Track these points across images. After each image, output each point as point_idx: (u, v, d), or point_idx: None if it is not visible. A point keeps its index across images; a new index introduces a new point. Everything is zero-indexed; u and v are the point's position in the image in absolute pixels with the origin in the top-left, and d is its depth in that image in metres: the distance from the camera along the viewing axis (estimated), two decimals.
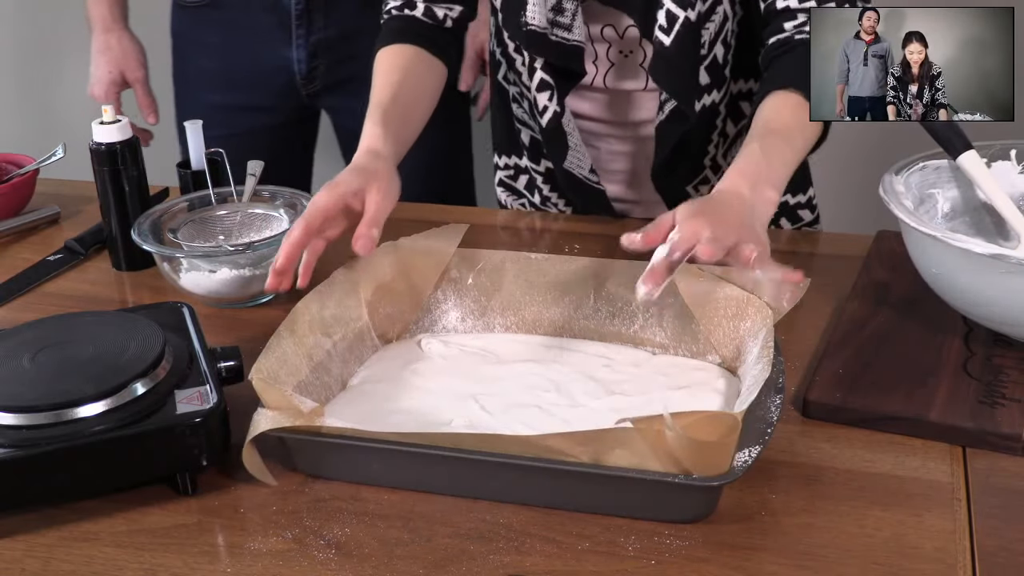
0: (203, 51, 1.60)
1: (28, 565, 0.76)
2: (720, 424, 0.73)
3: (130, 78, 1.56)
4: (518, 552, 0.75)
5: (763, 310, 0.90)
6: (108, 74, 1.55)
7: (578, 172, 1.25)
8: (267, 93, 1.59)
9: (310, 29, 1.53)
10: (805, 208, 1.30)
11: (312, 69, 1.56)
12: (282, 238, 1.08)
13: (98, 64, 1.56)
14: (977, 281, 0.88)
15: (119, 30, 1.56)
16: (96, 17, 1.56)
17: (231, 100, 1.60)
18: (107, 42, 1.55)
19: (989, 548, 0.74)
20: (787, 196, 1.26)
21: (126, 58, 1.56)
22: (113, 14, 1.55)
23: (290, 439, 0.81)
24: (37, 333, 0.88)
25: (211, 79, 1.61)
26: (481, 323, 1.01)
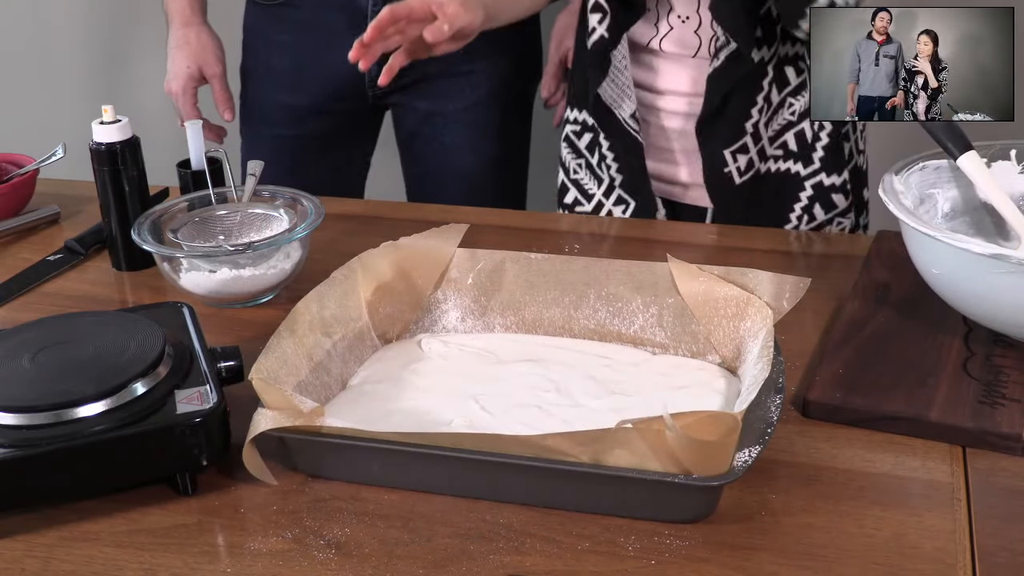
0: (274, 49, 1.58)
1: (28, 565, 0.76)
2: (720, 424, 0.73)
3: (208, 73, 1.53)
4: (518, 552, 0.75)
5: (763, 310, 0.90)
6: (187, 69, 1.52)
7: (617, 111, 1.28)
8: (334, 95, 1.58)
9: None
10: (839, 192, 1.29)
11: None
12: (282, 238, 1.09)
13: (175, 59, 1.53)
14: (977, 281, 0.88)
15: (198, 25, 1.53)
16: (175, 11, 1.53)
17: (297, 100, 1.59)
18: (186, 36, 1.52)
19: (989, 548, 0.74)
20: (820, 175, 1.27)
21: (205, 53, 1.52)
22: (192, 8, 1.52)
23: (290, 439, 0.81)
24: (37, 333, 0.88)
25: (279, 78, 1.59)
26: (481, 323, 1.01)
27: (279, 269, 1.10)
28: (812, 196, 1.28)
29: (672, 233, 1.28)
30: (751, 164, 1.26)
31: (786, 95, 1.25)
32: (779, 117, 1.26)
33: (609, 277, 0.98)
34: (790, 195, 1.29)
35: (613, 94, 1.28)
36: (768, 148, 1.27)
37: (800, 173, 1.28)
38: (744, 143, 1.25)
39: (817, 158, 1.27)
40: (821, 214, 1.30)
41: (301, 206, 1.15)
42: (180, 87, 1.53)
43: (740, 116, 1.24)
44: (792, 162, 1.28)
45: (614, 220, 1.34)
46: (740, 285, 0.93)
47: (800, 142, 1.27)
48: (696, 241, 1.24)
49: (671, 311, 0.96)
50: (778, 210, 1.30)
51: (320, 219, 1.11)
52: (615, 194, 1.36)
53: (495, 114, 1.59)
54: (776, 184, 1.29)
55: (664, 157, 1.33)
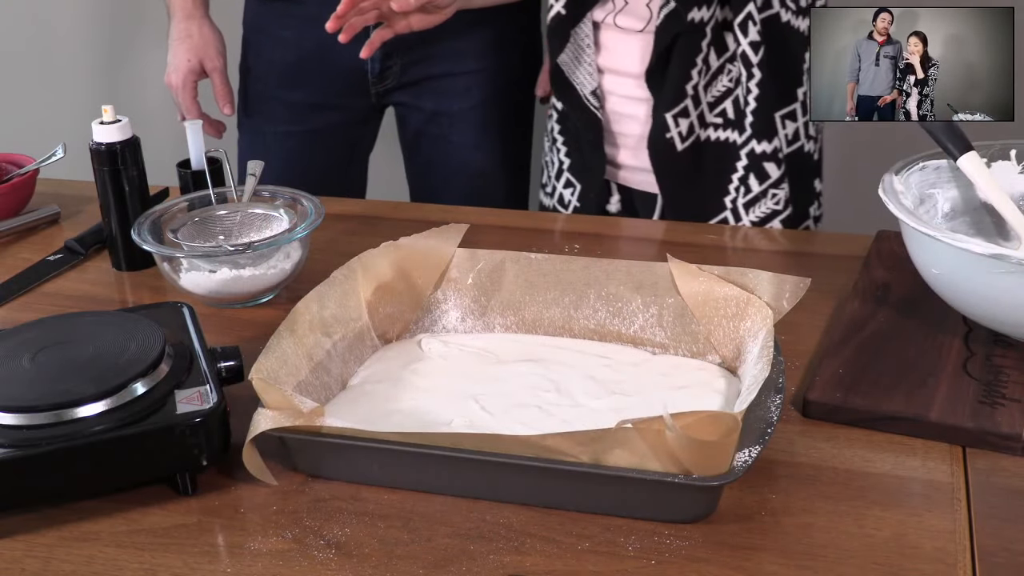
0: (276, 45, 1.58)
1: (28, 565, 0.76)
2: (720, 424, 0.73)
3: (208, 67, 1.53)
4: (518, 552, 0.75)
5: (763, 310, 0.90)
6: (187, 62, 1.52)
7: (579, 88, 1.32)
8: (336, 91, 1.58)
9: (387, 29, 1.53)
10: (771, 160, 1.30)
11: (385, 69, 1.55)
12: (282, 238, 1.09)
13: (176, 52, 1.53)
14: (977, 281, 0.88)
15: (200, 18, 1.53)
16: (177, 5, 1.53)
17: (299, 97, 1.58)
18: (188, 30, 1.52)
19: (989, 548, 0.74)
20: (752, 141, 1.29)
21: (206, 47, 1.53)
22: (195, 1, 1.53)
23: (290, 439, 0.81)
24: (37, 333, 0.88)
25: (281, 74, 1.59)
26: (481, 323, 1.01)
27: (279, 269, 1.10)
28: (747, 166, 1.30)
29: (672, 233, 1.28)
30: (691, 129, 1.28)
31: (724, 61, 1.27)
32: (718, 83, 1.28)
33: (609, 277, 0.98)
34: (728, 165, 1.31)
35: (574, 69, 1.31)
36: (708, 115, 1.29)
37: (736, 141, 1.30)
38: (685, 106, 1.27)
39: (748, 124, 1.28)
40: (756, 185, 1.31)
41: (301, 206, 1.15)
42: (180, 80, 1.52)
43: (681, 77, 1.26)
44: (730, 130, 1.30)
45: (614, 220, 1.35)
46: (740, 285, 0.93)
47: (736, 109, 1.29)
48: (696, 241, 1.24)
49: (671, 311, 0.96)
50: (717, 182, 1.32)
51: (320, 219, 1.11)
52: (564, 177, 1.41)
53: (501, 113, 1.60)
54: (715, 153, 1.31)
55: (616, 141, 1.36)
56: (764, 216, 1.31)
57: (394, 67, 1.55)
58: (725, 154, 1.31)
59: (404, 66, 1.55)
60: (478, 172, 1.61)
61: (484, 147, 1.60)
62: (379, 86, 1.56)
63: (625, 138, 1.35)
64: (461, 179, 1.62)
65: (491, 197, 1.58)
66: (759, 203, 1.31)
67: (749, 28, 1.23)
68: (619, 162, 1.37)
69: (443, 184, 1.63)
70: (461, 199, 1.54)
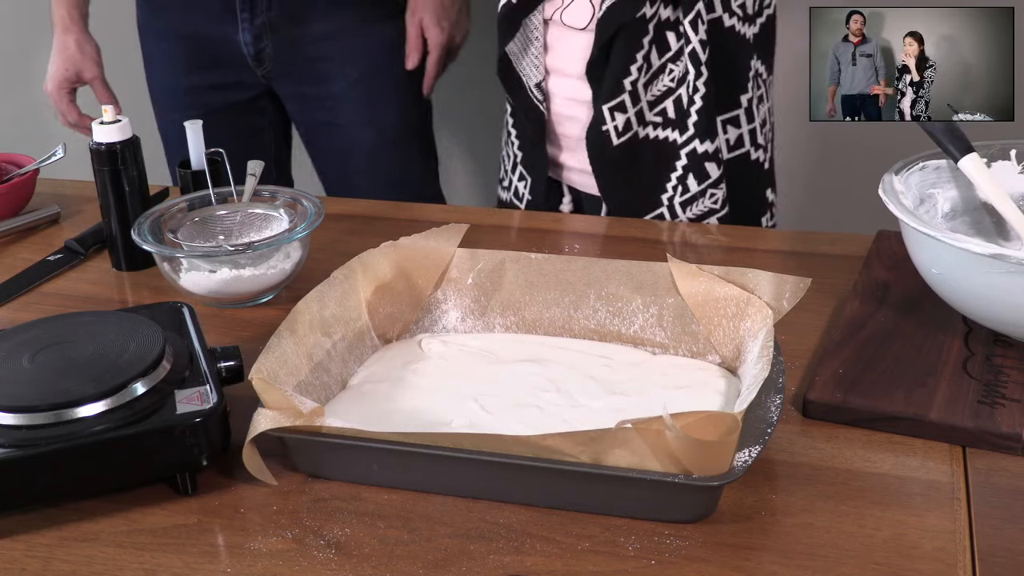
0: (162, 37, 1.67)
1: (28, 565, 0.76)
2: (720, 424, 0.73)
3: (87, 77, 1.62)
4: (518, 552, 0.75)
5: (763, 310, 0.90)
6: (64, 72, 1.61)
7: (525, 79, 1.33)
8: (224, 72, 1.65)
9: (253, 12, 1.58)
10: (712, 160, 1.31)
11: (259, 51, 1.61)
12: (282, 238, 1.09)
13: (54, 62, 1.63)
14: (977, 281, 0.88)
15: (78, 31, 1.62)
16: (57, 19, 1.63)
17: (191, 81, 1.66)
18: (65, 43, 1.62)
19: (989, 548, 0.74)
20: (694, 141, 1.30)
21: (83, 57, 1.61)
22: (72, 16, 1.61)
23: (290, 439, 0.81)
24: (37, 333, 0.88)
25: (171, 62, 1.67)
26: (481, 323, 1.01)
27: (279, 269, 1.10)
28: (686, 165, 1.31)
29: (673, 233, 1.28)
30: (628, 126, 1.29)
31: (666, 60, 1.27)
32: (659, 82, 1.28)
33: (609, 277, 0.98)
34: (666, 164, 1.32)
35: (522, 62, 1.32)
36: (647, 113, 1.30)
37: (677, 141, 1.30)
38: (622, 100, 1.27)
39: (691, 123, 1.29)
40: (694, 185, 1.31)
41: (301, 206, 1.15)
42: (55, 87, 1.62)
43: (620, 71, 1.26)
44: (670, 130, 1.30)
45: (614, 220, 1.35)
46: (740, 285, 0.93)
47: (677, 109, 1.30)
48: (696, 241, 1.24)
49: (671, 311, 0.96)
50: (655, 179, 1.33)
51: (320, 219, 1.11)
52: (518, 170, 1.43)
53: (382, 85, 1.65)
54: (653, 152, 1.32)
55: (560, 142, 1.37)
56: (701, 214, 1.33)
57: (266, 49, 1.61)
58: (663, 153, 1.32)
59: (276, 48, 1.61)
60: (373, 148, 1.68)
61: (374, 122, 1.66)
62: (260, 69, 1.63)
63: (568, 139, 1.36)
64: (360, 158, 1.69)
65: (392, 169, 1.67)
66: (696, 202, 1.32)
67: (699, 26, 1.24)
68: (565, 163, 1.39)
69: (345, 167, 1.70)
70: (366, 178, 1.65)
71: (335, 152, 1.70)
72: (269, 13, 1.58)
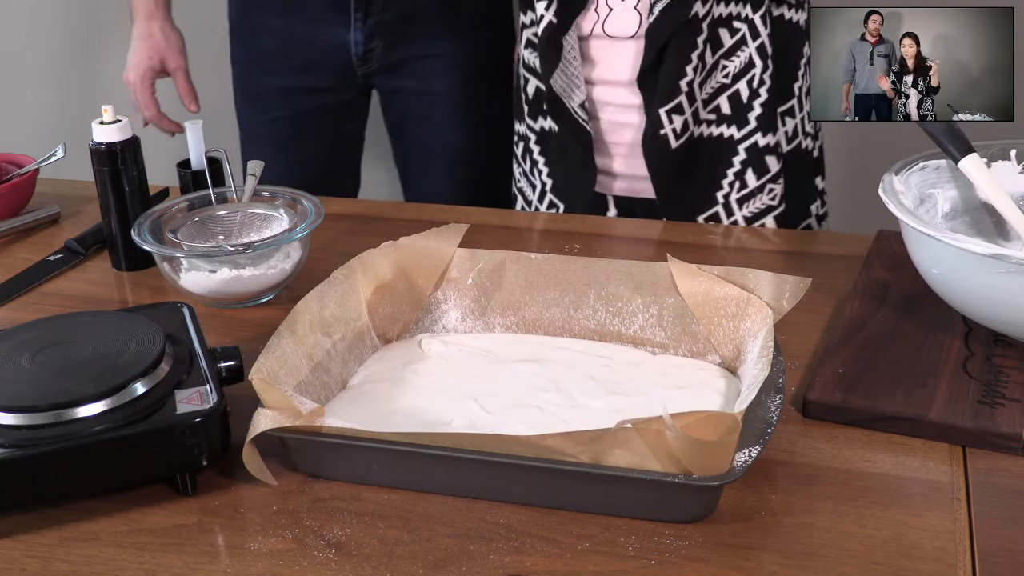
0: (261, 34, 1.62)
1: (28, 565, 0.76)
2: (720, 424, 0.73)
3: (170, 67, 1.57)
4: (518, 552, 0.75)
5: (763, 310, 0.90)
6: (148, 60, 1.55)
7: (567, 101, 1.30)
8: (323, 75, 1.62)
9: (368, 11, 1.56)
10: (772, 154, 1.30)
11: (368, 51, 1.59)
12: (282, 238, 1.09)
13: (137, 50, 1.56)
14: (977, 281, 0.88)
15: (162, 18, 1.57)
16: (139, 4, 1.57)
17: (289, 83, 1.62)
18: (149, 29, 1.56)
19: (989, 548, 0.74)
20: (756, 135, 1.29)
21: (168, 46, 1.56)
22: (157, 2, 1.56)
23: (290, 439, 0.81)
24: (37, 333, 0.88)
25: (269, 61, 1.63)
26: (481, 323, 1.01)
27: (279, 269, 1.10)
28: (745, 160, 1.30)
29: (673, 233, 1.28)
30: (686, 126, 1.28)
31: (719, 57, 1.27)
32: (712, 80, 1.28)
33: (609, 277, 0.98)
34: (723, 160, 1.31)
35: (564, 84, 1.30)
36: (702, 111, 1.29)
37: (734, 136, 1.30)
38: (679, 102, 1.26)
39: (754, 117, 1.28)
40: (753, 180, 1.31)
41: (301, 206, 1.15)
42: (138, 77, 1.56)
43: (675, 74, 1.25)
44: (725, 126, 1.29)
45: (614, 220, 1.35)
46: (740, 285, 0.93)
47: (734, 105, 1.29)
48: (696, 241, 1.24)
49: (671, 311, 0.96)
50: (710, 177, 1.32)
51: (320, 219, 1.11)
52: (547, 199, 1.40)
53: (478, 91, 1.64)
54: (709, 149, 1.31)
55: (611, 151, 1.35)
56: (758, 212, 1.31)
57: (376, 49, 1.59)
58: (719, 150, 1.30)
59: (386, 48, 1.59)
60: (459, 150, 1.66)
61: (464, 126, 1.65)
62: (363, 68, 1.60)
63: (620, 147, 1.34)
64: (444, 158, 1.67)
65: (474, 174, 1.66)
66: (754, 198, 1.31)
67: (768, 20, 1.24)
68: (614, 172, 1.36)
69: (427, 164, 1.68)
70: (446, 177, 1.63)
71: (422, 148, 1.67)
72: (384, 13, 1.56)
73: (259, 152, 1.62)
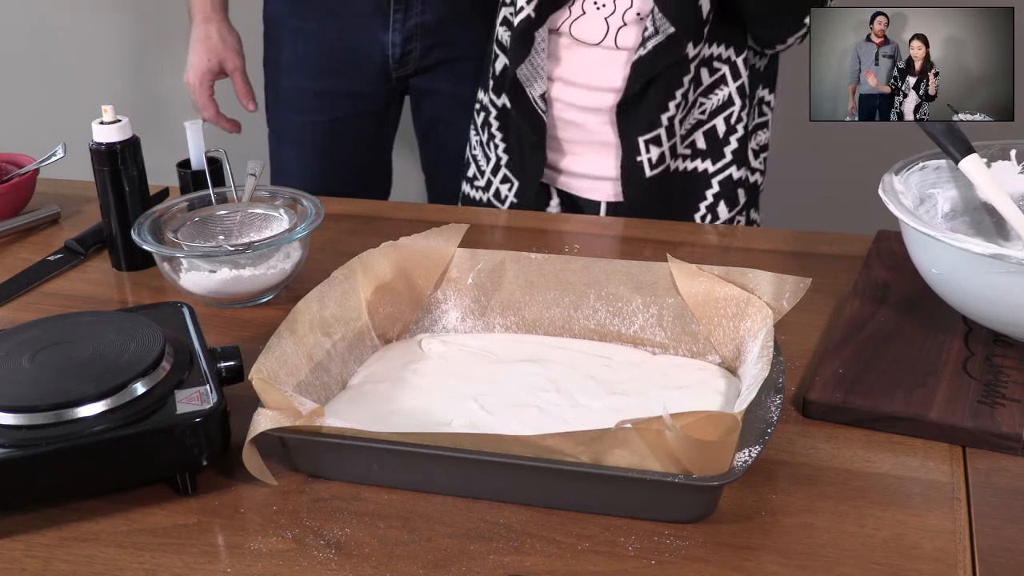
0: (299, 36, 1.62)
1: (28, 565, 0.76)
2: (720, 424, 0.73)
3: (229, 67, 1.59)
4: (518, 552, 0.75)
5: (763, 310, 0.90)
6: (207, 62, 1.57)
7: (528, 89, 1.32)
8: (360, 79, 1.62)
9: (407, 13, 1.56)
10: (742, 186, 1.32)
11: (406, 53, 1.59)
12: (282, 238, 1.09)
13: (197, 52, 1.58)
14: (977, 281, 0.88)
15: (219, 20, 1.58)
16: (197, 7, 1.59)
17: (324, 86, 1.63)
18: (207, 31, 1.58)
19: (989, 548, 0.74)
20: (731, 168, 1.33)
21: (226, 47, 1.58)
22: (214, 4, 1.58)
23: (290, 439, 0.81)
24: (37, 333, 0.88)
25: (305, 64, 1.63)
26: (481, 323, 1.01)
27: (279, 269, 1.10)
28: (717, 193, 1.32)
29: (672, 233, 1.28)
30: (663, 158, 1.30)
31: (699, 95, 1.29)
32: (691, 116, 1.30)
33: (609, 277, 0.98)
34: (695, 194, 1.33)
35: (528, 73, 1.31)
36: (679, 146, 1.31)
37: (708, 170, 1.32)
38: (658, 134, 1.28)
39: (729, 151, 1.31)
40: (724, 212, 1.34)
41: (301, 206, 1.15)
42: (198, 78, 1.58)
43: (658, 107, 1.27)
44: (700, 160, 1.32)
45: (614, 220, 1.35)
46: (740, 285, 0.93)
47: (710, 140, 1.31)
48: (696, 241, 1.24)
49: (671, 311, 0.96)
50: (684, 208, 1.34)
51: (320, 219, 1.11)
52: (501, 172, 1.42)
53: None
54: (682, 183, 1.33)
55: (561, 147, 1.37)
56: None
57: (414, 51, 1.59)
58: (693, 184, 1.33)
59: (423, 50, 1.59)
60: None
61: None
62: (400, 71, 1.61)
63: (571, 144, 1.36)
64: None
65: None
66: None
67: (750, 61, 1.28)
68: (561, 167, 1.38)
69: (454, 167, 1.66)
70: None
71: (451, 150, 1.67)
72: (423, 16, 1.56)
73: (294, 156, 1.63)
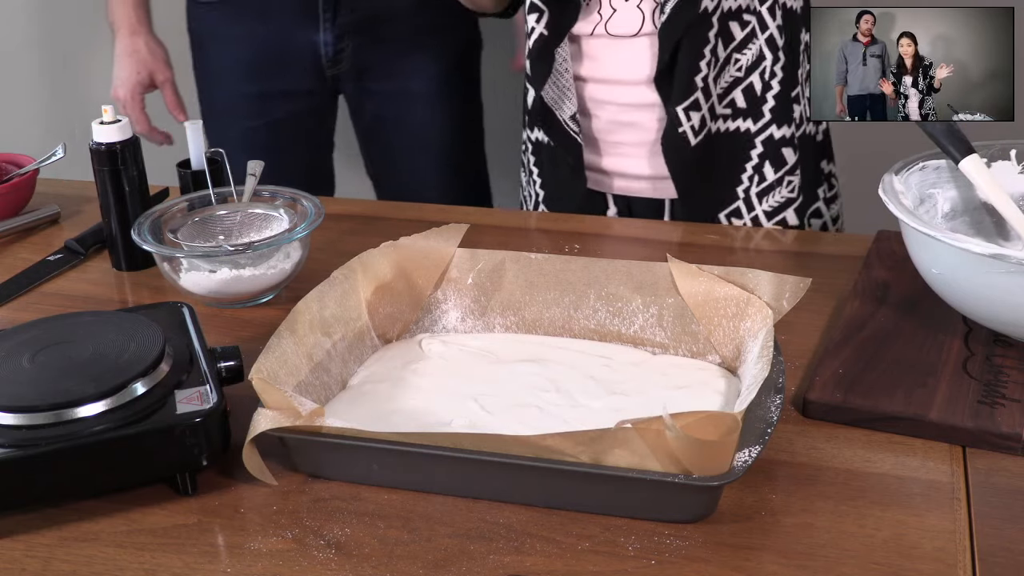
0: (228, 43, 1.62)
1: (28, 565, 0.76)
2: (720, 424, 0.73)
3: (159, 80, 1.58)
4: (518, 552, 0.75)
5: (763, 310, 0.90)
6: (137, 75, 1.57)
7: (558, 112, 1.30)
8: (293, 78, 1.62)
9: (336, 11, 1.55)
10: (788, 146, 1.30)
11: (339, 52, 1.59)
12: (282, 238, 1.09)
13: (124, 66, 1.57)
14: (977, 281, 0.88)
15: (145, 33, 1.58)
16: (121, 19, 1.57)
17: (258, 88, 1.63)
18: (134, 44, 1.57)
19: (989, 548, 0.74)
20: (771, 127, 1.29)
21: (155, 59, 1.57)
22: (139, 16, 1.57)
23: (290, 439, 0.81)
24: (37, 333, 0.88)
25: (238, 69, 1.63)
26: (481, 323, 1.01)
27: (279, 269, 1.10)
28: (762, 153, 1.30)
29: (673, 233, 1.28)
30: (703, 123, 1.28)
31: (732, 51, 1.27)
32: (726, 74, 1.28)
33: (609, 277, 0.98)
34: (741, 155, 1.31)
35: (554, 95, 1.30)
36: (717, 106, 1.29)
37: (750, 130, 1.30)
38: (696, 99, 1.26)
39: (768, 110, 1.28)
40: (771, 173, 1.31)
41: (301, 206, 1.15)
42: (128, 92, 1.57)
43: (689, 70, 1.25)
44: (742, 119, 1.29)
45: (614, 220, 1.35)
46: (740, 285, 0.93)
47: (749, 98, 1.29)
48: (696, 241, 1.24)
49: (671, 311, 0.96)
50: (730, 172, 1.32)
51: (320, 219, 1.11)
52: (540, 209, 1.41)
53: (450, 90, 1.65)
54: (727, 144, 1.30)
55: (612, 151, 1.35)
56: (777, 206, 1.31)
57: (346, 49, 1.59)
58: (736, 145, 1.30)
59: (356, 48, 1.59)
60: (437, 149, 1.67)
61: (439, 124, 1.66)
62: (333, 69, 1.60)
63: (623, 147, 1.34)
64: (422, 158, 1.68)
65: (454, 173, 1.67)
66: (774, 191, 1.31)
67: (776, 12, 1.25)
68: (618, 171, 1.36)
69: (404, 166, 1.68)
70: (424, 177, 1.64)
71: (400, 149, 1.68)
72: (353, 13, 1.56)
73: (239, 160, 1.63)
